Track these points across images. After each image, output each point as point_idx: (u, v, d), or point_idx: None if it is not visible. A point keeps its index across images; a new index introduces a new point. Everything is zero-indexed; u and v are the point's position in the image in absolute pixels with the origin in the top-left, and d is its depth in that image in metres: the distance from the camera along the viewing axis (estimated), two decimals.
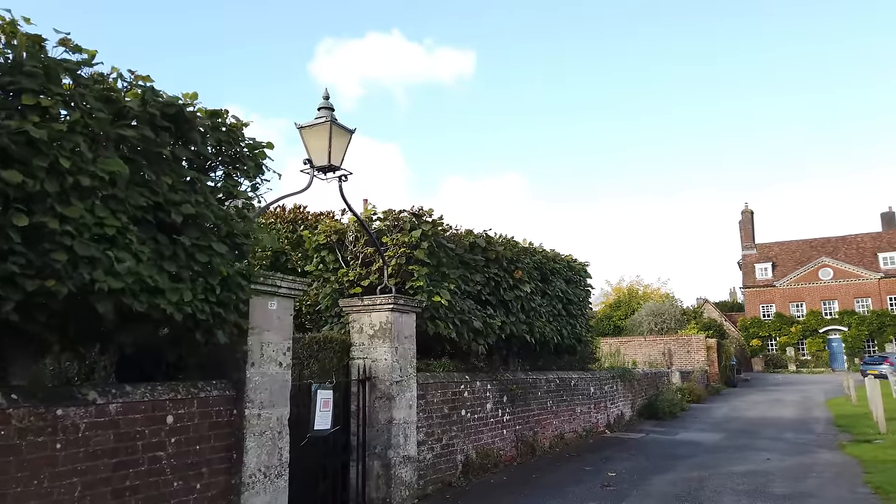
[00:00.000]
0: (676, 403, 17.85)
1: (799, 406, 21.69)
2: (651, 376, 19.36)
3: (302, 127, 6.62)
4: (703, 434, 14.01)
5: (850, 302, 52.82)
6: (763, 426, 15.68)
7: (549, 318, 10.93)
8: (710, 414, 18.93)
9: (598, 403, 13.72)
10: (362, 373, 6.98)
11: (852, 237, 57.66)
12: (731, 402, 24.15)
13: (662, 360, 31.00)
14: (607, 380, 14.40)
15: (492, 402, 9.40)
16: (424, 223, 8.00)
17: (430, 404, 7.88)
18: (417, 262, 7.78)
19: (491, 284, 9.32)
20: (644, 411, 16.90)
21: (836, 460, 10.12)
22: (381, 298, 7.02)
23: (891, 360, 37.16)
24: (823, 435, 13.70)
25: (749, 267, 58.86)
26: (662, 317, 37.35)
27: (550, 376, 11.64)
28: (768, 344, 55.24)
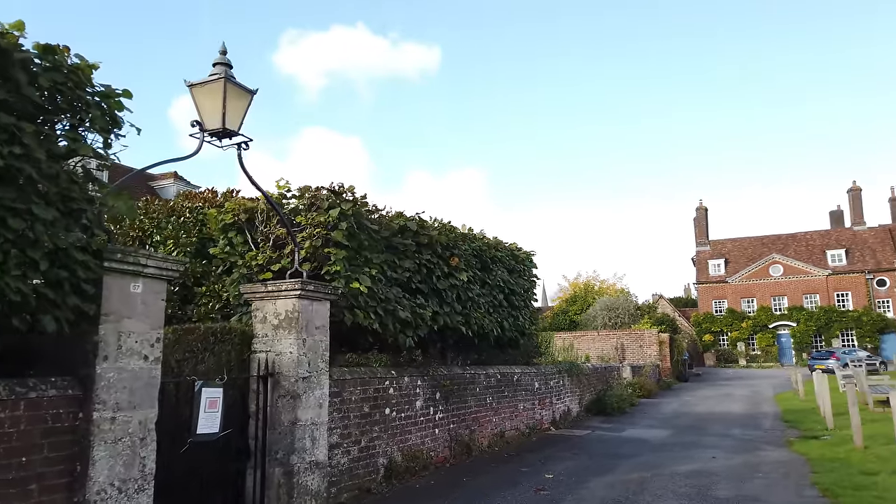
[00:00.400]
0: (625, 399, 17.44)
1: (748, 401, 21.61)
2: (601, 371, 18.93)
3: (192, 85, 5.73)
4: (650, 431, 13.57)
5: (799, 298, 53.89)
6: (711, 422, 15.36)
7: (488, 310, 10.25)
8: (660, 409, 18.61)
9: (542, 399, 13.14)
10: (264, 368, 6.16)
11: (802, 234, 58.87)
12: (682, 396, 24.00)
13: (615, 354, 30.79)
14: (553, 375, 13.83)
15: (422, 400, 8.66)
16: (344, 201, 7.20)
17: (348, 403, 7.09)
18: (335, 244, 6.98)
19: (423, 272, 8.57)
20: (592, 407, 16.43)
21: (784, 458, 9.71)
22: (287, 284, 6.20)
23: (837, 356, 37.85)
24: (771, 431, 13.40)
25: (702, 263, 59.58)
26: (616, 311, 37.21)
27: (491, 371, 10.97)
28: (720, 339, 56.02)
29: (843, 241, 55.99)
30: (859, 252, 54.37)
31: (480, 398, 10.47)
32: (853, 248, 54.86)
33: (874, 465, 8.42)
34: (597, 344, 31.66)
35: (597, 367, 18.69)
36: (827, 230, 59.22)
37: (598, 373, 18.43)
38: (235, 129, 5.79)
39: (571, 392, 15.17)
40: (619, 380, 21.11)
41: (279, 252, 7.14)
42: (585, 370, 16.57)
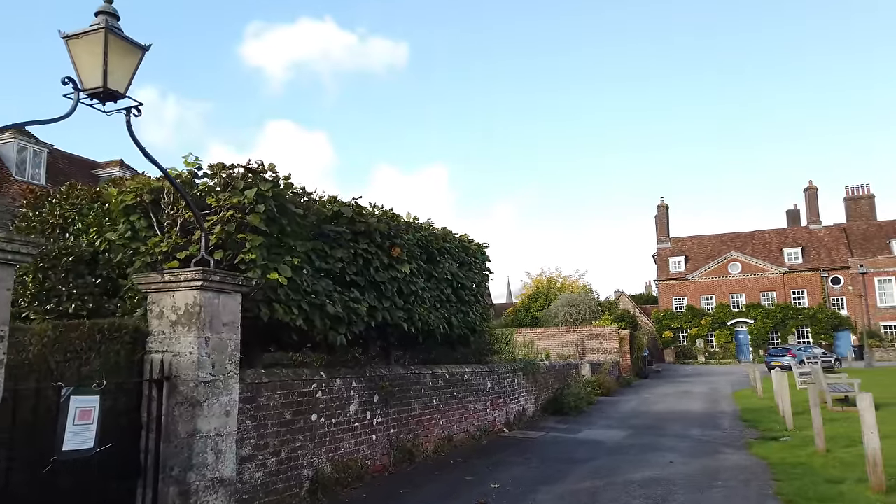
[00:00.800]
0: (583, 398, 16.91)
1: (706, 399, 21.35)
2: (559, 369, 18.39)
3: (67, 36, 4.83)
4: (607, 432, 13.02)
5: (757, 295, 54.60)
6: (670, 421, 14.92)
7: (434, 305, 9.50)
8: (618, 408, 18.16)
9: (495, 400, 12.47)
10: (158, 371, 5.30)
11: (760, 232, 59.69)
12: (641, 394, 23.68)
13: (576, 351, 30.43)
14: (507, 373, 13.18)
15: (357, 403, 7.87)
16: (263, 181, 6.35)
17: (265, 409, 6.27)
18: (252, 229, 6.14)
19: (359, 262, 7.77)
20: (549, 406, 15.85)
21: (744, 463, 9.20)
22: (186, 273, 5.34)
23: (793, 352, 38.23)
24: (730, 431, 12.98)
25: (663, 260, 59.97)
26: (578, 308, 36.91)
27: (438, 371, 10.24)
28: (680, 336, 56.46)
29: (799, 239, 56.93)
30: (815, 250, 55.34)
31: (426, 400, 9.73)
32: (809, 246, 55.81)
33: (838, 472, 7.95)
34: (557, 341, 31.25)
35: (555, 364, 18.14)
36: (784, 229, 60.18)
37: (556, 371, 17.88)
38: (121, 91, 4.91)
39: (527, 391, 14.55)
40: (578, 377, 20.62)
41: (188, 238, 6.26)
42: (542, 368, 15.98)
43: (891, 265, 51.29)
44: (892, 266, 51.22)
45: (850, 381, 16.03)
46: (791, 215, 62.74)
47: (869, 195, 59.09)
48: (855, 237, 55.35)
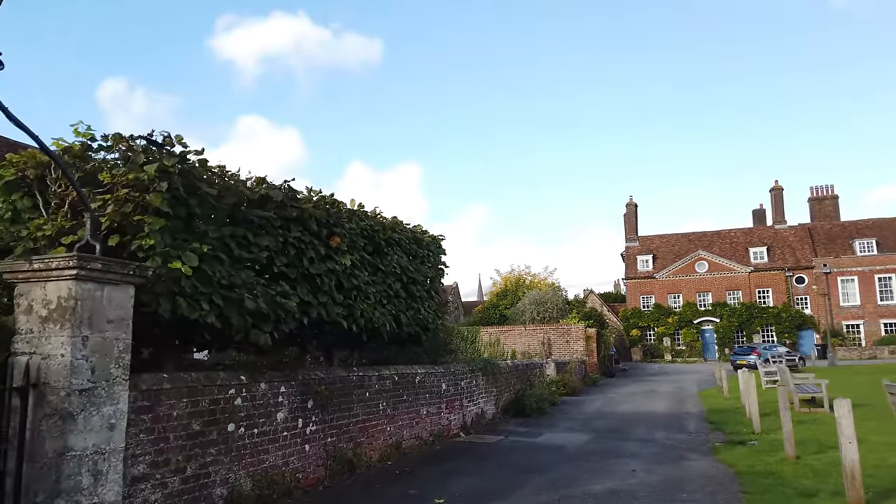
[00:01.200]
0: (546, 398, 16.27)
1: (672, 398, 20.93)
2: (522, 368, 17.73)
3: None
4: (569, 435, 12.37)
5: (723, 294, 54.91)
6: (635, 423, 14.35)
7: (380, 300, 8.69)
8: (583, 409, 17.58)
9: (451, 402, 11.72)
10: (23, 377, 4.41)
11: (726, 232, 60.09)
12: (607, 393, 23.20)
13: (542, 350, 29.89)
14: (465, 374, 12.43)
15: (287, 410, 7.03)
16: (169, 155, 5.48)
17: (166, 420, 5.40)
18: (153, 210, 5.27)
19: (289, 252, 6.92)
20: (510, 408, 15.17)
21: (710, 471, 8.59)
22: (59, 260, 4.45)
23: (758, 351, 38.31)
24: (696, 434, 12.43)
25: (631, 259, 60.00)
26: (545, 306, 36.41)
27: (386, 372, 9.43)
28: (647, 334, 56.53)
29: (765, 239, 57.42)
30: (780, 250, 55.86)
31: (371, 404, 8.92)
32: (774, 245, 56.33)
33: (810, 483, 7.36)
34: (523, 339, 30.68)
35: (517, 363, 17.48)
36: (750, 228, 60.70)
37: (519, 370, 17.21)
38: None
39: (487, 392, 13.83)
40: (542, 377, 20.02)
41: (78, 220, 5.36)
42: (503, 368, 15.29)
43: (853, 265, 52.00)
44: (855, 266, 51.93)
45: (818, 381, 15.67)
46: (757, 215, 63.35)
47: (833, 196, 59.93)
48: (819, 237, 56.02)
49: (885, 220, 55.93)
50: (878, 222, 55.89)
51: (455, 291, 69.28)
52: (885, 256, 51.51)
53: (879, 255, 51.82)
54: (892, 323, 50.69)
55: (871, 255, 52.25)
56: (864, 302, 51.33)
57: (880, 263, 51.38)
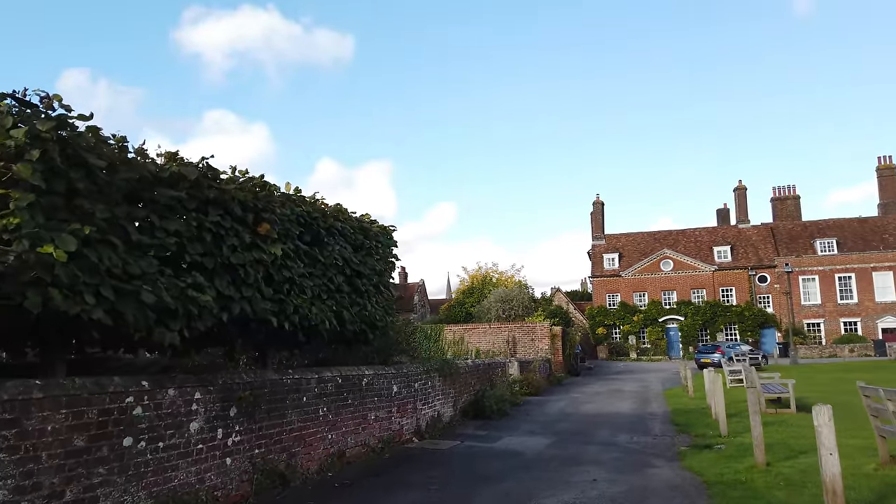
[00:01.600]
0: (507, 399, 15.59)
1: (637, 398, 20.49)
2: (483, 368, 17.02)
3: None
4: (529, 439, 11.69)
5: (688, 292, 55.15)
6: (598, 425, 13.77)
7: (319, 295, 7.85)
8: (546, 409, 16.95)
9: (403, 406, 10.93)
10: None
11: (691, 231, 60.45)
12: (572, 393, 22.68)
13: (506, 348, 29.29)
14: (419, 375, 11.65)
15: (203, 420, 6.16)
16: (43, 119, 4.58)
17: (37, 436, 4.50)
18: (20, 184, 4.36)
19: (206, 239, 6.05)
20: (470, 410, 14.44)
21: (676, 480, 7.97)
22: None
23: (722, 349, 38.36)
24: (661, 437, 11.87)
25: (598, 257, 59.93)
26: (511, 303, 35.85)
27: (327, 375, 8.60)
28: (613, 332, 56.52)
29: (728, 237, 57.88)
30: (743, 249, 56.35)
31: (309, 410, 8.08)
32: (738, 244, 56.80)
33: (784, 495, 6.76)
34: (488, 337, 30.04)
35: (478, 363, 16.77)
36: (714, 227, 61.17)
37: (480, 370, 16.50)
38: None
39: (444, 394, 13.08)
40: (505, 377, 19.36)
41: None
42: (462, 368, 14.55)
43: (814, 264, 52.68)
44: (816, 265, 52.62)
45: (784, 381, 15.29)
46: (721, 214, 63.91)
47: (795, 196, 60.74)
48: (781, 237, 56.66)
49: (845, 221, 56.84)
50: (839, 222, 56.77)
51: (422, 289, 68.54)
52: (845, 256, 52.31)
53: (839, 255, 52.59)
54: (851, 322, 51.48)
55: (831, 254, 53.00)
56: (825, 301, 52.05)
57: (840, 263, 52.15)
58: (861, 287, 51.43)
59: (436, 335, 31.02)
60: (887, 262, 51.22)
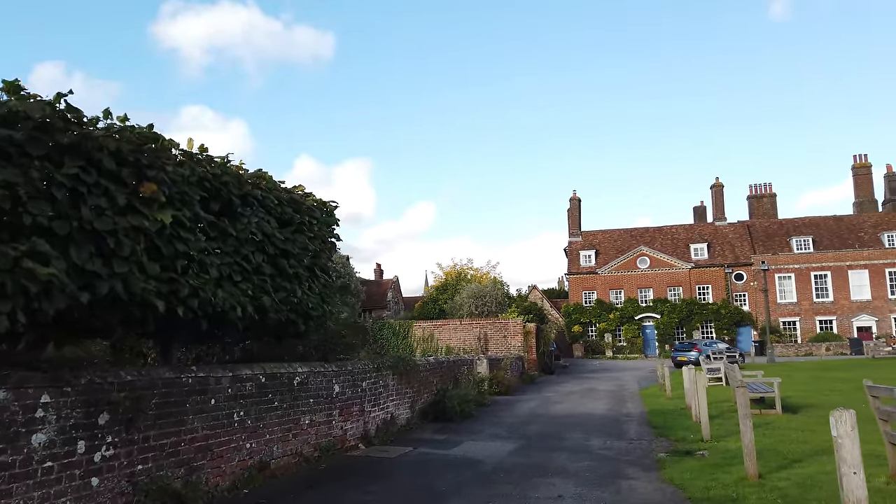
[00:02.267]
0: (471, 400, 14.31)
1: (612, 397, 19.39)
2: (448, 365, 15.74)
3: None
4: (491, 445, 10.44)
5: (664, 290, 54.49)
6: (569, 427, 12.59)
7: (229, 276, 6.48)
8: (515, 410, 15.74)
9: (348, 408, 9.60)
10: None
11: (668, 228, 59.86)
12: (544, 392, 21.52)
13: (478, 345, 28.06)
14: (368, 374, 10.33)
15: (53, 430, 4.78)
16: None
17: None
18: None
19: (56, 197, 4.67)
20: (430, 411, 13.16)
21: (655, 497, 6.76)
22: None
23: (699, 347, 37.60)
24: (637, 442, 10.71)
25: (574, 254, 59.05)
26: (484, 300, 34.64)
27: (246, 372, 7.24)
28: (589, 330, 55.66)
29: (705, 235, 57.37)
30: (720, 247, 55.86)
31: (220, 415, 6.73)
32: (714, 242, 56.30)
33: None
34: (459, 334, 28.78)
35: (441, 360, 15.47)
36: (691, 225, 60.67)
37: (443, 368, 15.21)
38: None
39: (399, 394, 11.78)
40: (472, 375, 18.11)
41: None
42: (421, 366, 13.25)
43: (791, 262, 52.33)
44: (792, 263, 52.27)
45: (769, 380, 14.24)
46: (698, 212, 63.47)
47: (771, 194, 60.47)
48: (757, 234, 56.28)
49: (821, 219, 56.64)
50: (815, 220, 56.54)
51: (396, 286, 67.12)
52: (821, 254, 52.03)
53: (815, 253, 52.31)
54: (827, 320, 51.22)
55: (807, 252, 52.70)
56: (801, 299, 51.73)
57: (816, 261, 51.87)
58: (837, 285, 51.20)
59: (404, 332, 29.70)
60: (863, 260, 51.05)
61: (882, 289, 50.37)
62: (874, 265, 50.72)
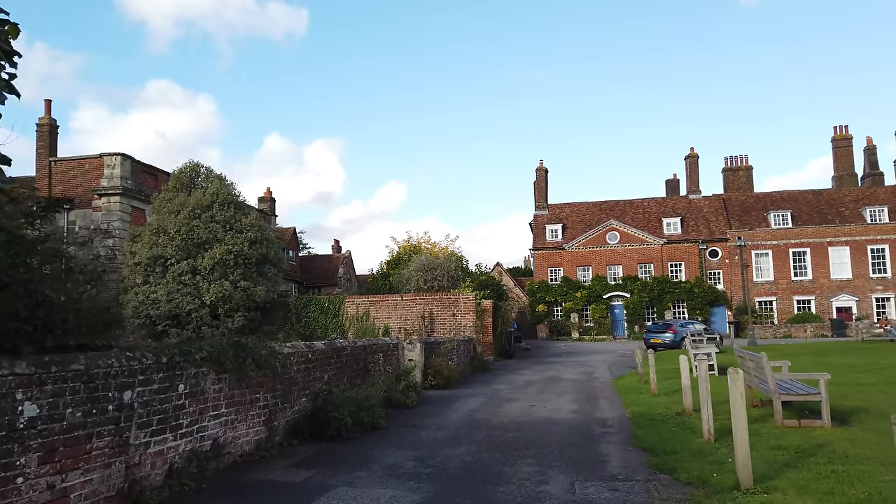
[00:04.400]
0: (373, 406, 9.58)
1: (580, 391, 15.08)
2: (351, 353, 11.09)
3: None
4: (376, 497, 5.92)
5: (634, 267, 50.75)
6: (518, 449, 8.16)
7: None
8: (446, 416, 11.25)
9: (73, 446, 4.90)
10: None
11: (639, 201, 56.05)
12: (496, 383, 17.14)
13: (421, 325, 23.53)
14: (141, 375, 5.62)
15: None
16: None
17: None
18: None
19: None
20: (306, 426, 8.57)
21: None
22: None
23: (674, 328, 33.77)
24: (626, 483, 6.32)
25: (540, 228, 54.84)
26: (434, 272, 29.98)
27: None
28: (554, 310, 51.68)
29: (679, 209, 53.71)
30: (694, 221, 52.25)
31: None
32: (688, 216, 52.67)
33: None
34: (399, 312, 24.19)
35: (340, 345, 10.74)
36: (664, 198, 56.97)
37: (344, 357, 10.57)
38: None
39: (237, 404, 7.13)
40: (395, 364, 13.55)
41: None
42: (292, 355, 8.57)
43: (768, 238, 48.98)
44: (770, 239, 48.92)
45: (809, 376, 9.96)
46: (671, 185, 59.79)
47: (747, 167, 56.94)
48: (734, 208, 52.80)
49: (800, 193, 53.41)
50: (793, 194, 53.28)
51: (348, 261, 62.23)
52: (800, 229, 48.76)
53: (794, 229, 49.02)
54: (805, 300, 48.10)
55: (785, 227, 49.38)
56: (778, 277, 48.47)
57: (795, 237, 48.59)
58: (816, 262, 48.02)
59: (335, 309, 25.02)
60: (844, 236, 47.92)
61: (863, 267, 47.36)
62: (856, 241, 47.64)
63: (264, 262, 23.29)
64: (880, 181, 53.29)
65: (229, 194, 23.28)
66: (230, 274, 21.93)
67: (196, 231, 21.73)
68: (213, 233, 21.97)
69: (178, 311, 21.29)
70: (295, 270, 52.52)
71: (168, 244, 21.61)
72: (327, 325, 23.64)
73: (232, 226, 22.58)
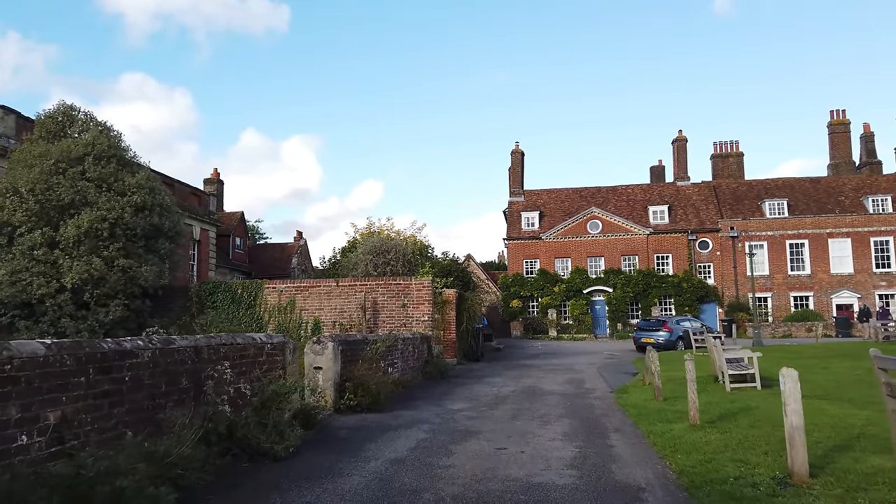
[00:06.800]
0: (199, 464, 4.39)
1: (573, 415, 9.96)
2: (154, 362, 5.78)
3: None
4: None
5: (618, 259, 46.03)
6: None
7: None
8: (341, 479, 6.05)
9: None
10: None
11: (623, 188, 51.35)
12: (452, 399, 12.00)
13: (361, 318, 18.24)
14: None
15: None
16: None
17: None
18: None
19: None
20: None
21: None
22: None
23: (670, 326, 29.07)
24: None
25: (515, 216, 49.81)
26: (387, 256, 24.80)
27: None
28: (530, 305, 46.73)
29: (666, 196, 49.13)
30: (682, 209, 47.72)
31: None
32: (676, 204, 48.12)
33: None
34: (334, 301, 18.85)
35: (128, 347, 5.44)
36: (650, 185, 52.31)
37: (136, 367, 5.28)
38: None
39: None
40: (274, 379, 8.27)
41: None
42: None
43: (763, 228, 44.66)
44: (765, 229, 44.60)
45: None
46: (655, 173, 55.18)
47: (738, 153, 52.62)
48: (725, 196, 48.41)
49: (796, 180, 49.27)
50: (789, 182, 49.12)
51: (303, 250, 56.59)
52: (798, 220, 44.51)
53: (791, 218, 44.76)
54: (802, 296, 43.87)
55: (782, 217, 45.10)
56: (774, 272, 44.16)
57: (792, 227, 44.34)
58: (815, 256, 43.82)
59: (249, 297, 19.54)
60: (845, 227, 43.79)
61: (866, 261, 43.29)
62: (857, 233, 43.54)
63: (156, 234, 17.75)
64: (878, 170, 49.40)
65: (110, 146, 17.67)
66: (103, 249, 16.39)
67: (57, 190, 16.12)
68: (81, 193, 16.38)
69: (28, 297, 15.68)
70: (242, 260, 46.87)
71: (17, 208, 15.96)
72: (240, 317, 18.27)
73: (110, 186, 17.00)
